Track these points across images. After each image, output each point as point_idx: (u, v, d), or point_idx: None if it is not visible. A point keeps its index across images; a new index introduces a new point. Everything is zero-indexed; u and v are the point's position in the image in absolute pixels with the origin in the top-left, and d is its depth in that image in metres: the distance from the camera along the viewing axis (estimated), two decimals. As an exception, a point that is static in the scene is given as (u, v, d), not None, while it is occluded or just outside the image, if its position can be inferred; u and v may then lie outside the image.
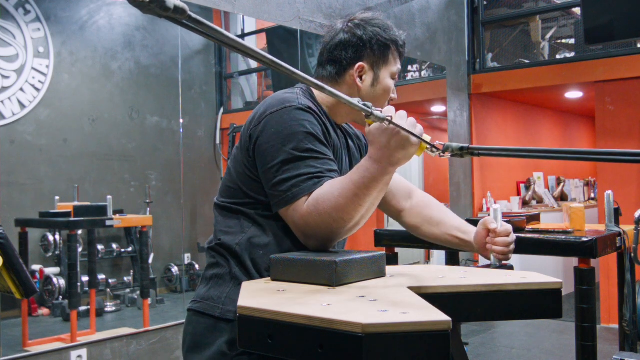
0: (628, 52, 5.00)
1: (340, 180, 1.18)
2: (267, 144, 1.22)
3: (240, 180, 1.30)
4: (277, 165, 1.20)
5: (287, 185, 1.19)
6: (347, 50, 1.42)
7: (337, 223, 1.16)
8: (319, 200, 1.16)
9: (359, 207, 1.16)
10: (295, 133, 1.21)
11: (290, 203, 1.19)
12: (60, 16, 3.29)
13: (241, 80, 4.51)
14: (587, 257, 2.43)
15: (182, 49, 3.63)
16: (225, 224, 1.32)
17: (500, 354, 4.35)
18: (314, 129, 1.24)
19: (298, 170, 1.19)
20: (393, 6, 4.84)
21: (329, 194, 1.16)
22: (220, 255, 1.31)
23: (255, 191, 1.28)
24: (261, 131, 1.24)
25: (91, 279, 3.34)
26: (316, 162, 1.21)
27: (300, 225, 1.19)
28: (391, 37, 1.43)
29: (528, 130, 6.95)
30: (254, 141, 1.25)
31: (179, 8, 0.71)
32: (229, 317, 1.24)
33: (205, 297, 1.30)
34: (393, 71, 1.42)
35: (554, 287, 1.09)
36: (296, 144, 1.21)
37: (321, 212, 1.15)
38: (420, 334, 0.81)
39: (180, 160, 3.64)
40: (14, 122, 3.06)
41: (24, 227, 3.12)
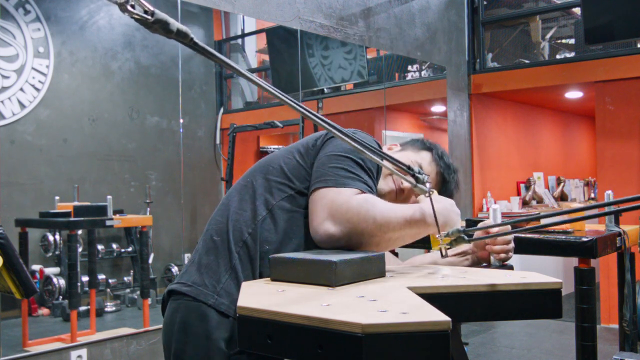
0: (628, 52, 5.00)
1: (392, 204, 1.24)
2: (343, 145, 1.25)
3: (284, 162, 1.30)
4: (345, 158, 1.23)
5: (348, 174, 1.21)
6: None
7: (373, 228, 1.16)
8: (370, 201, 1.18)
9: (398, 230, 1.19)
10: (365, 160, 1.27)
11: (342, 186, 1.19)
12: (60, 16, 3.29)
13: (241, 80, 4.51)
14: (587, 257, 2.42)
15: (182, 49, 3.63)
16: (241, 206, 1.28)
17: (500, 354, 4.35)
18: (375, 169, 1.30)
19: (360, 174, 1.23)
20: (393, 6, 4.84)
21: (381, 202, 1.20)
22: (223, 241, 1.26)
23: (296, 175, 1.28)
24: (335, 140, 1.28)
25: (91, 279, 3.34)
26: (372, 183, 1.26)
27: (339, 209, 1.17)
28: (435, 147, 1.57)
29: (528, 130, 6.95)
30: (329, 137, 1.29)
31: (182, 32, 0.75)
32: (222, 309, 1.20)
33: (197, 282, 1.24)
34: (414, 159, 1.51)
35: (554, 287, 1.09)
36: (366, 160, 1.25)
37: (369, 209, 1.16)
38: (420, 334, 0.81)
39: (180, 160, 3.64)
40: (14, 122, 3.06)
41: (24, 227, 3.12)
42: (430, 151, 1.55)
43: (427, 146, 1.57)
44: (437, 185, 1.54)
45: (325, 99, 4.67)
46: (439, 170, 1.54)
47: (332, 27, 4.25)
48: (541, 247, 2.55)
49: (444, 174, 1.54)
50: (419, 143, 1.58)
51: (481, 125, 5.97)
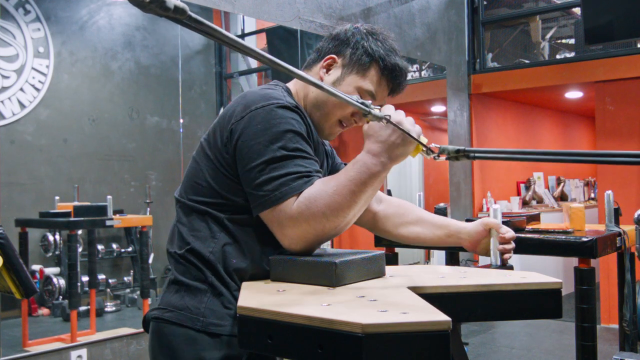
0: (628, 52, 5.00)
1: (333, 177, 1.13)
2: (252, 141, 1.13)
3: (211, 177, 1.20)
4: (262, 164, 1.12)
5: (274, 184, 1.11)
6: (332, 42, 1.35)
7: (330, 222, 1.10)
8: (310, 199, 1.09)
9: (354, 204, 1.11)
10: (284, 131, 1.14)
11: (278, 203, 1.10)
12: (60, 16, 3.29)
13: (241, 80, 4.51)
14: (587, 257, 2.43)
15: (182, 49, 3.63)
16: (192, 226, 1.22)
17: (500, 354, 4.35)
18: (300, 128, 1.17)
19: (286, 169, 1.12)
20: (393, 6, 4.84)
21: (322, 192, 1.10)
22: (190, 263, 1.21)
23: (230, 191, 1.19)
24: (244, 127, 1.15)
25: (91, 279, 3.34)
26: (304, 162, 1.14)
27: (288, 227, 1.11)
28: (380, 54, 1.29)
29: (528, 130, 6.95)
30: (236, 137, 1.15)
31: (179, 8, 0.71)
32: (212, 330, 1.15)
33: (178, 306, 1.18)
34: (361, 85, 1.29)
35: (554, 287, 1.09)
36: (284, 143, 1.13)
37: (314, 212, 1.09)
38: (420, 334, 0.81)
39: (180, 160, 3.64)
40: (14, 122, 3.06)
41: (24, 227, 3.12)
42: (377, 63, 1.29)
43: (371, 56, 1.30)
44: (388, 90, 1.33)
45: (325, 99, 4.66)
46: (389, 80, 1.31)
47: (332, 27, 4.24)
48: (541, 247, 2.55)
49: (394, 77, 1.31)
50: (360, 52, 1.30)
51: (481, 125, 5.97)
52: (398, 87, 1.34)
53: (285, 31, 4.06)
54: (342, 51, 1.33)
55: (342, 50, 1.33)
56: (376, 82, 1.30)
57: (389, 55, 1.30)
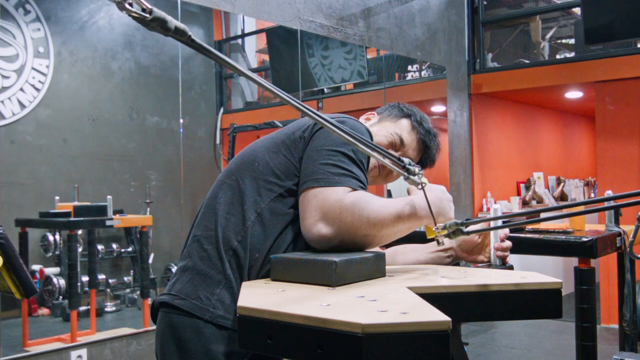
0: (628, 52, 5.00)
1: (383, 198, 1.20)
2: (334, 134, 1.17)
3: (270, 157, 1.24)
4: (336, 152, 1.18)
5: (339, 171, 1.16)
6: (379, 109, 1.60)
7: (366, 226, 1.14)
8: (363, 198, 1.14)
9: (392, 227, 1.17)
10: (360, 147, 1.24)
11: (335, 185, 1.15)
12: (60, 16, 3.29)
13: (241, 80, 4.51)
14: (587, 257, 2.42)
15: (182, 49, 3.63)
16: (228, 211, 1.23)
17: (500, 354, 4.35)
18: (366, 160, 1.26)
19: (351, 168, 1.18)
20: (393, 6, 4.84)
21: (373, 199, 1.16)
22: (215, 249, 1.21)
23: (284, 171, 1.22)
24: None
25: (91, 279, 3.34)
26: (363, 176, 1.21)
27: (330, 207, 1.13)
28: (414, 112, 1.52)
29: (528, 130, 6.95)
30: (320, 127, 1.22)
31: (180, 29, 0.74)
32: (220, 322, 1.17)
33: (190, 294, 1.19)
34: (393, 129, 1.48)
35: (554, 287, 1.09)
36: (357, 151, 1.20)
37: (362, 208, 1.13)
38: (420, 334, 0.81)
39: (180, 160, 3.64)
40: (14, 122, 3.06)
41: (24, 227, 3.12)
42: (409, 117, 1.52)
43: (405, 113, 1.53)
44: (419, 153, 1.51)
45: (325, 99, 4.67)
46: (420, 137, 1.50)
47: (332, 27, 4.24)
48: (541, 247, 2.55)
49: (425, 140, 1.51)
50: (396, 110, 1.54)
51: (481, 125, 5.97)
52: (428, 153, 1.53)
53: (285, 31, 4.06)
54: (381, 112, 1.58)
55: (381, 111, 1.58)
56: (407, 131, 1.50)
57: (422, 117, 1.52)
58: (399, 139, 1.47)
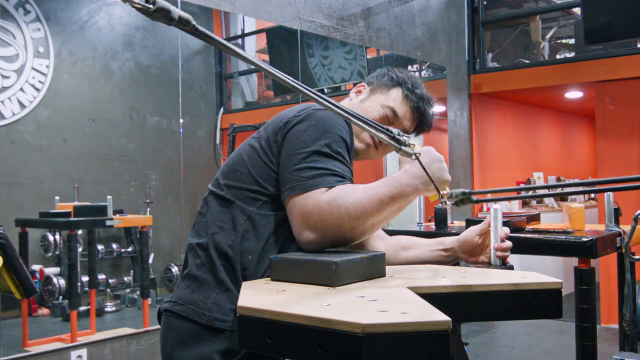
0: (628, 52, 5.00)
1: (364, 185, 1.18)
2: (303, 133, 1.21)
3: (251, 165, 1.26)
4: (306, 153, 1.19)
5: (311, 173, 1.17)
6: (367, 79, 1.51)
7: (350, 221, 1.13)
8: (340, 194, 1.14)
9: (377, 213, 1.15)
10: (333, 133, 1.22)
11: (309, 190, 1.16)
12: (60, 16, 3.29)
13: (241, 80, 4.51)
14: (587, 257, 2.42)
15: (182, 49, 3.63)
16: (217, 217, 1.27)
17: (500, 354, 4.35)
18: (347, 138, 1.25)
19: (325, 164, 1.18)
20: (393, 6, 4.84)
21: (352, 191, 1.15)
22: (206, 255, 1.25)
23: (266, 179, 1.24)
24: (300, 120, 1.23)
25: (91, 279, 3.34)
26: (342, 166, 1.21)
27: (311, 213, 1.15)
28: (404, 80, 1.43)
29: (528, 130, 6.95)
30: (290, 126, 1.23)
31: (183, 19, 0.73)
32: (217, 325, 1.20)
33: (188, 300, 1.24)
34: (384, 102, 1.42)
35: (554, 287, 1.09)
36: (330, 142, 1.20)
37: (340, 205, 1.13)
38: (420, 334, 0.81)
39: (180, 160, 3.64)
40: (14, 122, 3.06)
41: (24, 227, 3.12)
42: (400, 86, 1.44)
43: (395, 81, 1.45)
44: (415, 121, 1.45)
45: (325, 99, 4.66)
46: (413, 105, 1.43)
47: (332, 27, 4.25)
48: (541, 247, 2.55)
49: (419, 107, 1.43)
50: (386, 79, 1.46)
51: (481, 125, 5.97)
52: (424, 119, 1.45)
53: (285, 31, 4.06)
54: (371, 81, 1.48)
55: (371, 81, 1.48)
56: (400, 102, 1.42)
57: (414, 83, 1.44)
58: (392, 111, 1.42)
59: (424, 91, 1.45)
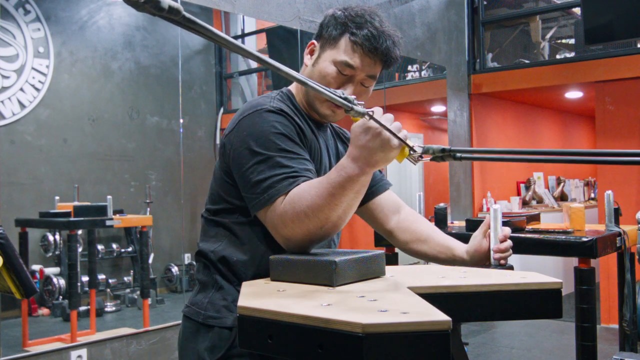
0: (628, 52, 5.00)
1: (317, 180, 1.16)
2: (240, 147, 1.22)
3: (219, 186, 1.32)
4: (250, 168, 1.20)
5: (262, 186, 1.18)
6: (316, 32, 1.38)
7: (313, 223, 1.13)
8: (294, 199, 1.14)
9: (335, 207, 1.13)
10: (266, 134, 1.21)
11: (268, 205, 1.18)
12: (60, 16, 3.29)
13: (241, 80, 4.51)
14: (587, 257, 2.43)
15: (182, 49, 3.63)
16: (205, 232, 1.36)
17: (500, 354, 4.35)
18: (285, 130, 1.22)
19: (272, 171, 1.18)
20: (393, 6, 4.84)
21: (305, 193, 1.14)
22: (200, 262, 1.35)
23: (231, 195, 1.29)
24: (234, 136, 1.25)
25: (91, 279, 3.34)
26: (290, 162, 1.19)
27: (279, 226, 1.17)
28: (349, 26, 1.28)
29: (528, 130, 6.95)
30: (230, 145, 1.26)
31: (174, 8, 0.71)
32: (209, 323, 1.27)
33: (192, 302, 1.34)
34: (335, 57, 1.29)
35: (554, 287, 1.09)
36: (268, 145, 1.20)
37: (297, 212, 1.13)
38: (420, 334, 0.81)
39: (180, 160, 3.64)
40: (14, 122, 3.06)
41: (24, 227, 3.12)
42: (346, 33, 1.29)
43: (340, 29, 1.29)
44: (376, 62, 1.31)
45: (325, 99, 4.66)
46: (364, 50, 1.27)
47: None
48: (541, 247, 2.55)
49: (372, 48, 1.27)
50: (331, 28, 1.31)
51: (481, 125, 5.97)
52: (384, 55, 1.30)
53: (285, 31, 4.06)
54: (320, 34, 1.35)
55: (319, 33, 1.36)
56: (350, 52, 1.28)
57: (360, 26, 1.27)
58: (346, 65, 1.28)
59: (372, 27, 1.27)
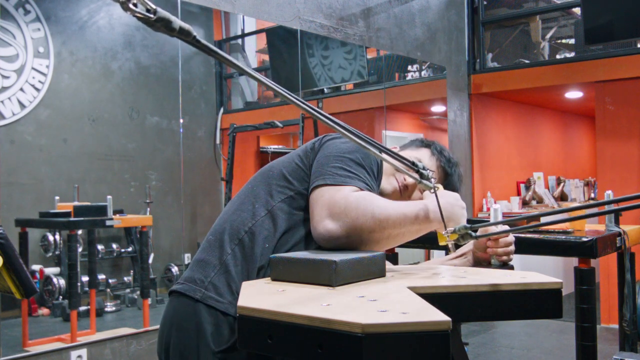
0: (628, 52, 5.00)
1: (392, 201, 1.24)
2: (342, 144, 1.27)
3: (284, 165, 1.32)
4: (344, 158, 1.24)
5: (347, 173, 1.21)
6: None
7: (371, 222, 1.16)
8: (368, 197, 1.19)
9: (398, 225, 1.19)
10: (368, 158, 1.28)
11: (340, 184, 1.20)
12: (60, 16, 3.29)
13: (241, 80, 4.51)
14: (587, 257, 2.42)
15: (182, 49, 3.63)
16: (240, 206, 1.32)
17: (500, 354, 4.35)
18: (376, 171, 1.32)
19: (359, 173, 1.23)
20: (393, 6, 4.84)
21: (381, 199, 1.20)
22: (216, 240, 1.30)
23: (296, 177, 1.29)
24: (339, 137, 1.30)
25: (91, 279, 3.34)
26: (371, 181, 1.27)
27: (337, 205, 1.17)
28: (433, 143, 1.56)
29: (528, 130, 6.95)
30: (329, 139, 1.30)
31: (184, 30, 0.75)
32: (209, 303, 1.24)
33: (188, 279, 1.29)
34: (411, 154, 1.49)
35: (554, 287, 1.09)
36: (366, 161, 1.27)
37: (367, 205, 1.16)
38: (420, 334, 0.81)
39: (180, 160, 3.64)
40: (14, 122, 3.06)
41: (24, 227, 3.12)
42: (429, 147, 1.56)
43: (425, 143, 1.57)
44: (440, 180, 1.53)
45: (325, 99, 4.67)
46: (440, 164, 1.53)
47: (332, 27, 4.24)
48: (541, 247, 2.55)
49: (445, 167, 1.53)
50: (417, 142, 1.59)
51: (481, 125, 5.97)
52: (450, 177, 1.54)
53: (285, 31, 4.06)
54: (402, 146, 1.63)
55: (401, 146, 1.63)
56: (427, 157, 1.52)
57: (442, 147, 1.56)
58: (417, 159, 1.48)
59: (452, 156, 1.56)
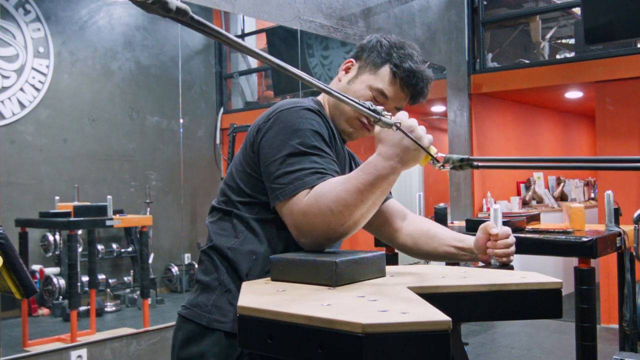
0: (628, 52, 4.99)
1: (344, 177, 1.17)
2: (273, 138, 1.22)
3: (239, 177, 1.30)
4: (281, 158, 1.19)
5: (289, 177, 1.17)
6: (355, 50, 1.45)
7: (336, 218, 1.13)
8: (320, 193, 1.14)
9: (361, 204, 1.13)
10: (303, 129, 1.22)
11: (291, 196, 1.17)
12: (60, 16, 3.29)
13: (241, 80, 4.51)
14: (587, 257, 2.43)
15: (182, 49, 3.63)
16: (219, 226, 1.32)
17: (500, 354, 4.35)
18: (321, 129, 1.24)
19: (302, 165, 1.18)
20: (393, 6, 4.84)
21: (331, 188, 1.14)
22: (210, 260, 1.31)
23: (254, 189, 1.28)
24: (269, 127, 1.24)
25: (91, 279, 3.34)
26: (321, 160, 1.20)
27: (298, 220, 1.16)
28: (394, 58, 1.37)
29: (528, 130, 6.95)
30: (262, 135, 1.25)
31: (181, 9, 0.73)
32: (214, 326, 1.25)
33: (193, 303, 1.31)
34: (372, 83, 1.37)
35: (554, 287, 1.09)
36: (303, 140, 1.20)
37: (321, 206, 1.13)
38: (420, 334, 0.81)
39: (180, 160, 3.64)
40: (14, 122, 3.06)
41: (24, 227, 3.12)
42: (388, 63, 1.38)
43: (383, 58, 1.38)
44: (406, 96, 1.40)
45: (325, 99, 4.66)
46: (402, 83, 1.37)
47: (332, 27, 4.24)
48: (541, 247, 2.55)
49: (409, 83, 1.37)
50: (374, 55, 1.39)
51: (481, 125, 5.97)
52: (417, 93, 1.39)
53: (285, 31, 4.06)
54: (360, 55, 1.43)
55: (360, 55, 1.43)
56: (388, 82, 1.37)
57: (403, 59, 1.37)
58: (380, 93, 1.37)
59: (414, 65, 1.37)
